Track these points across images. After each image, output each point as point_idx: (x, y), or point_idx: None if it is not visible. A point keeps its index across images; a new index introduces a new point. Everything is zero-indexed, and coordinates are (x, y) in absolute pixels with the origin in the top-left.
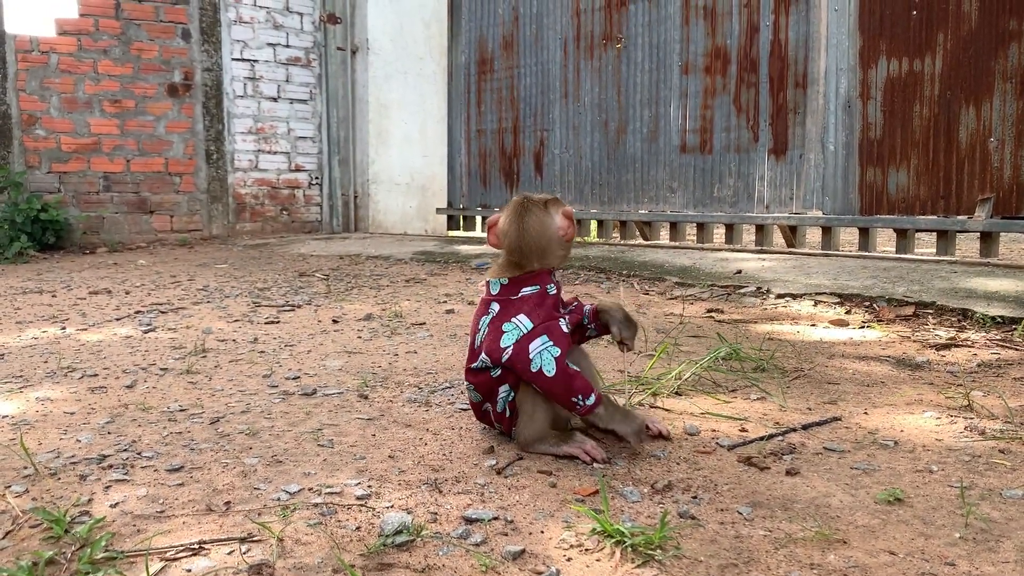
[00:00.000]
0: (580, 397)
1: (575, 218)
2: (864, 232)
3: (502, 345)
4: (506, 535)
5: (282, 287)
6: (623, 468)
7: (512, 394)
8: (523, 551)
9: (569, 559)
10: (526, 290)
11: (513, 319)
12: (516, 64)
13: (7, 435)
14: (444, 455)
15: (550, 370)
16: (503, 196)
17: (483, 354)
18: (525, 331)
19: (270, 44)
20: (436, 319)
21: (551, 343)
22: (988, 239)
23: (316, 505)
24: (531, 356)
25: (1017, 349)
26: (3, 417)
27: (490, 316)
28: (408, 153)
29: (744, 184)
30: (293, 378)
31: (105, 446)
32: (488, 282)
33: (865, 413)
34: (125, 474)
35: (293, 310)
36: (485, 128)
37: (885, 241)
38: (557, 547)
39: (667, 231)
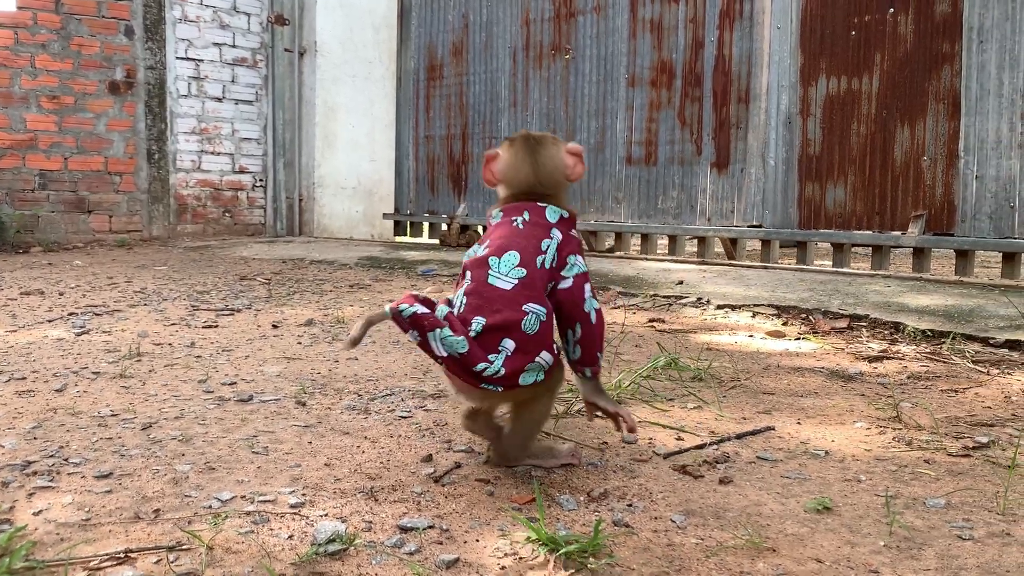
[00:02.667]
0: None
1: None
2: (802, 246)
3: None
4: (441, 544)
5: (222, 291)
6: (560, 476)
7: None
8: (457, 560)
9: (503, 567)
10: (573, 232)
11: (573, 255)
12: (465, 71)
13: None
14: (381, 463)
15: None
16: (451, 202)
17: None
18: (582, 270)
19: (216, 44)
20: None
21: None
22: (921, 255)
23: (248, 513)
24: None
25: (945, 362)
26: None
27: (554, 241)
28: (355, 157)
29: (687, 196)
30: (230, 384)
31: (30, 452)
32: (541, 207)
33: (798, 423)
34: (51, 481)
35: (232, 314)
36: (434, 134)
37: (822, 255)
38: (491, 555)
39: (612, 241)
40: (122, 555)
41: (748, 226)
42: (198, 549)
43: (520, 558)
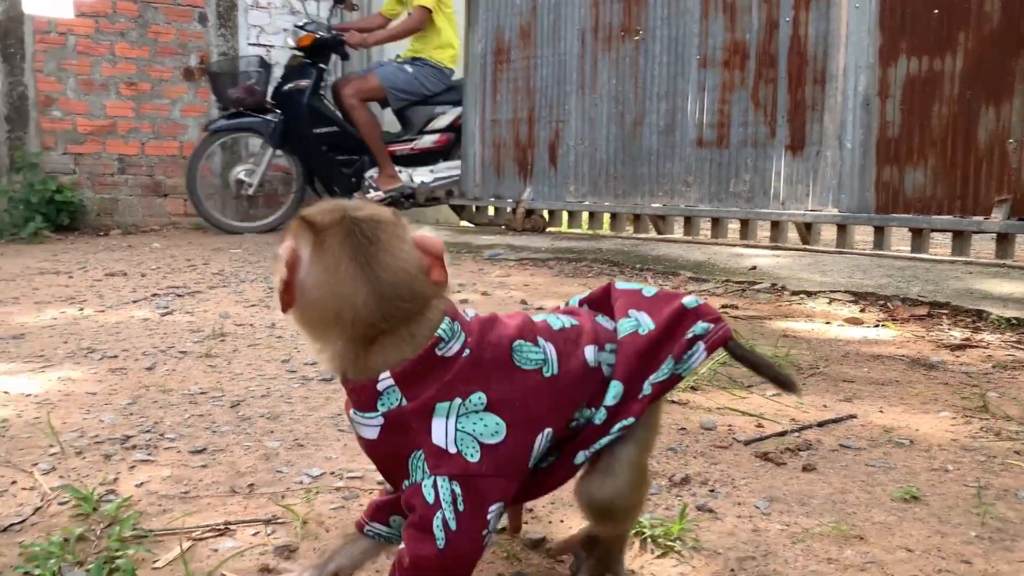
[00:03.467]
0: None
1: (589, 211)
2: (879, 231)
3: None
4: (526, 523)
5: None
6: None
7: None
8: (543, 539)
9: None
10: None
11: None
12: (533, 54)
13: (31, 413)
14: None
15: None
16: (517, 187)
17: None
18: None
19: (286, 29)
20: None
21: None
22: (1004, 240)
23: (338, 489)
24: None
25: None
26: (26, 396)
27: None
28: None
29: (760, 180)
30: (311, 363)
31: (128, 427)
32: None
33: (880, 411)
34: (149, 455)
35: None
36: (500, 118)
37: (899, 240)
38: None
39: (681, 225)
40: (222, 527)
41: (823, 210)
42: (293, 523)
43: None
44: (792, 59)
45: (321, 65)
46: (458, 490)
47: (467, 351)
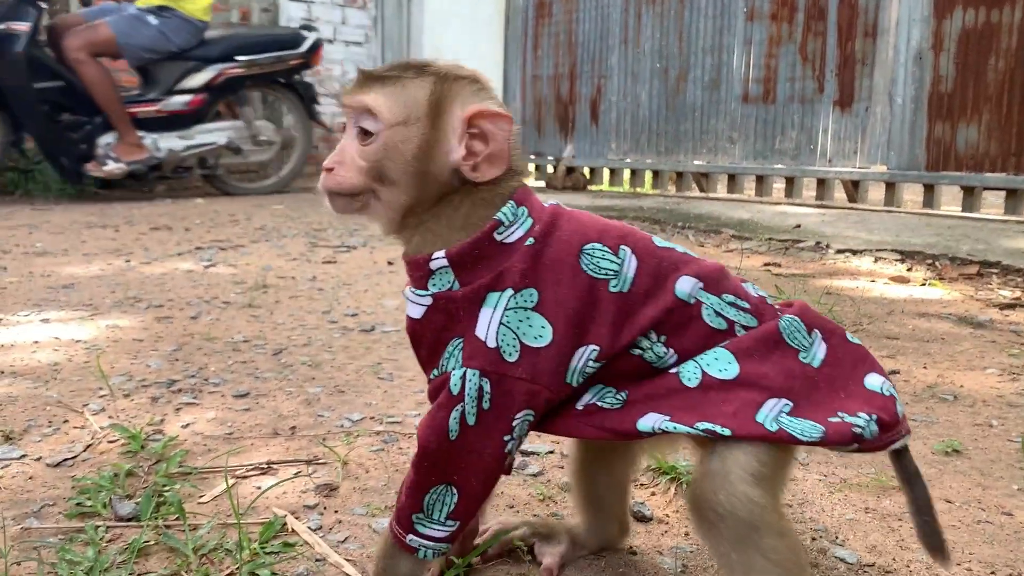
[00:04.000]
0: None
1: (630, 168)
2: (929, 189)
3: None
4: (561, 467)
5: (338, 229)
6: None
7: None
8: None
9: None
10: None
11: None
12: (575, 8)
13: (82, 358)
14: None
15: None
16: (557, 144)
17: None
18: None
19: None
20: None
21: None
22: None
23: (378, 433)
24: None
25: None
26: (77, 342)
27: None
28: None
29: (807, 136)
30: (352, 315)
31: (173, 372)
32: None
33: (924, 368)
34: (194, 398)
35: (349, 251)
36: (541, 74)
37: (950, 200)
38: None
39: (724, 183)
40: (265, 466)
41: (871, 168)
42: (334, 464)
43: (642, 485)
44: (842, 11)
45: (41, 4)
46: (487, 387)
47: (531, 240)
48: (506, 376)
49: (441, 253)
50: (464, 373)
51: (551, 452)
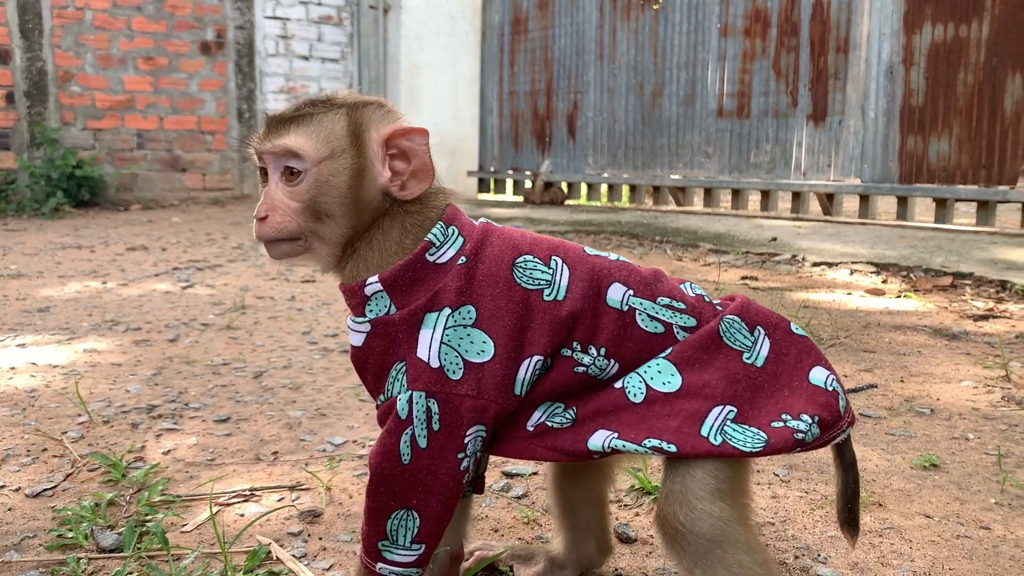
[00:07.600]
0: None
1: (608, 183)
2: (902, 201)
3: None
4: (545, 489)
5: None
6: None
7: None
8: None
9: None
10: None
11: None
12: (551, 24)
13: (59, 384)
14: None
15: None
16: (535, 159)
17: None
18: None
19: (302, 2)
20: None
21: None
22: None
23: (361, 457)
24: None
25: None
26: (53, 367)
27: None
28: (438, 114)
29: (781, 150)
30: (331, 335)
31: (153, 396)
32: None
33: (901, 381)
34: (175, 423)
35: None
36: (518, 90)
37: (923, 211)
38: None
39: (701, 197)
40: (248, 492)
41: (845, 181)
42: (317, 489)
43: (625, 505)
44: (815, 26)
45: None
46: (435, 408)
47: (463, 259)
48: (452, 395)
49: (375, 278)
50: (410, 396)
51: (535, 473)
